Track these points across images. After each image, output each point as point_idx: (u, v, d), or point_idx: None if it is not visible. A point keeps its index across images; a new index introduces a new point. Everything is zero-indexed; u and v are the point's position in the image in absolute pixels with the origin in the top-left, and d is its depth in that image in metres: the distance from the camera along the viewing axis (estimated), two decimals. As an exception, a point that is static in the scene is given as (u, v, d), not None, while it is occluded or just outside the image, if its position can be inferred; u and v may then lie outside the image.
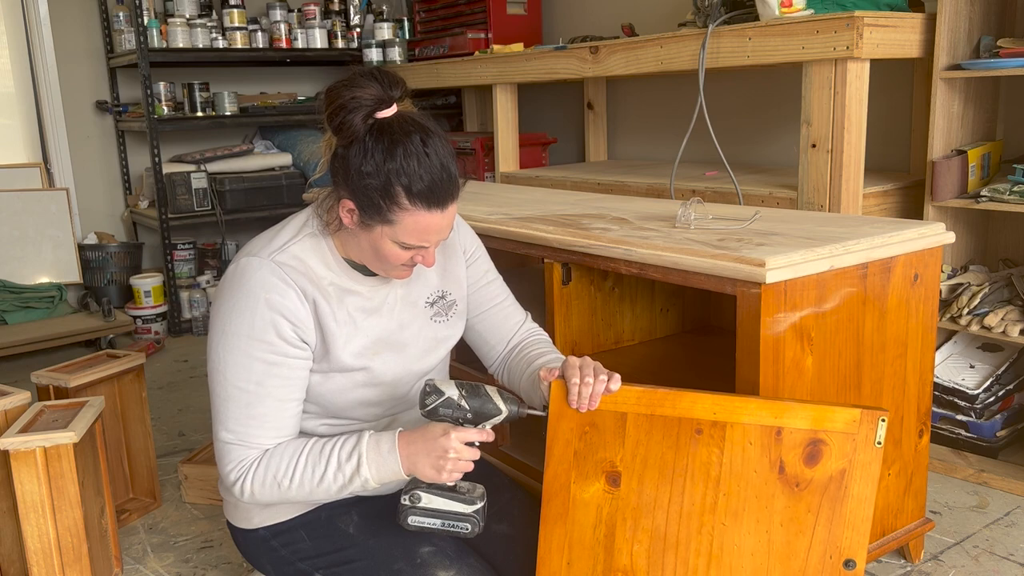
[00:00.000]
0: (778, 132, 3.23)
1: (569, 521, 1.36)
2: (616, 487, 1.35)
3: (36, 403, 1.90)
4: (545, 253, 1.93)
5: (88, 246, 4.05)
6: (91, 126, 4.26)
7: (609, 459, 1.34)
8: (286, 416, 1.36)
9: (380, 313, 1.44)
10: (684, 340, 2.14)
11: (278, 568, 1.49)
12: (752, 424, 1.30)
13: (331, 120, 1.28)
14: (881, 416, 1.28)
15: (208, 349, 1.36)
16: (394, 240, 1.31)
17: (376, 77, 1.28)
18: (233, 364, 1.33)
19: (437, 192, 1.28)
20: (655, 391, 1.32)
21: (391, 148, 1.25)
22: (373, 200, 1.28)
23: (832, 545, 1.31)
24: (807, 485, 1.30)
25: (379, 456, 1.31)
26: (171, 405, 3.15)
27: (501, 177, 3.52)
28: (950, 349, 2.47)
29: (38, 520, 1.72)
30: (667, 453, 1.32)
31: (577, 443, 1.34)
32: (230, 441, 1.34)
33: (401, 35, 4.29)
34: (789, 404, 1.30)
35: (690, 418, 1.31)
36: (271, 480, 1.33)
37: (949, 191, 2.34)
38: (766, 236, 1.67)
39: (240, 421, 1.33)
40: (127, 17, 4.02)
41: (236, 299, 1.33)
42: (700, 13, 2.57)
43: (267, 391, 1.33)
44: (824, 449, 1.30)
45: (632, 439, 1.33)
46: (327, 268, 1.39)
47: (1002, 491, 2.27)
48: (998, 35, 2.42)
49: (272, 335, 1.32)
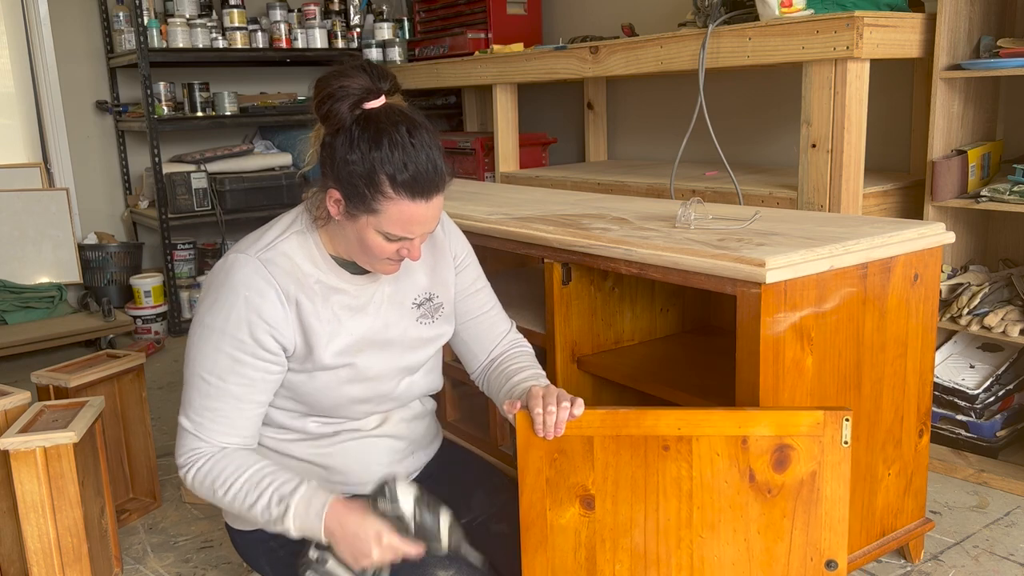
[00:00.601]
0: (778, 132, 3.23)
1: (549, 548, 1.37)
2: (591, 510, 1.35)
3: (36, 403, 1.90)
4: (545, 253, 1.93)
5: (88, 246, 4.05)
6: (91, 126, 4.26)
7: (581, 483, 1.35)
8: (242, 417, 1.37)
9: (366, 312, 1.44)
10: (684, 340, 2.14)
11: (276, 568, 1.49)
12: (717, 435, 1.31)
13: (319, 108, 1.30)
14: (845, 416, 1.29)
15: (188, 335, 1.40)
16: (379, 230, 1.32)
17: (365, 69, 1.30)
18: (202, 354, 1.35)
19: (421, 182, 1.29)
20: (617, 412, 1.32)
21: (376, 137, 1.27)
22: (358, 188, 1.29)
23: (812, 547, 1.32)
24: (779, 491, 1.31)
25: (307, 515, 1.30)
26: (171, 405, 3.15)
27: (501, 177, 3.52)
28: (950, 349, 2.47)
29: (38, 520, 1.72)
30: (637, 472, 1.33)
31: (548, 471, 1.35)
32: (187, 429, 1.37)
33: (401, 35, 4.29)
34: (752, 412, 1.31)
35: (656, 435, 1.32)
36: (209, 483, 1.35)
37: (949, 191, 2.34)
38: (766, 236, 1.67)
39: (198, 411, 1.36)
40: (127, 17, 4.02)
41: (217, 293, 1.36)
42: (700, 13, 2.57)
43: (227, 387, 1.35)
44: (792, 454, 1.30)
45: (601, 461, 1.34)
46: (314, 265, 1.40)
47: (1002, 491, 2.27)
48: (998, 35, 2.42)
49: (244, 333, 1.34)
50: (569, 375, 2.00)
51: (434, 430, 1.67)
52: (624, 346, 2.08)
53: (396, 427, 1.54)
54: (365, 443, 1.50)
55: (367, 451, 1.50)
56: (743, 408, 1.33)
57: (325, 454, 1.47)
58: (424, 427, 1.61)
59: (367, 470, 1.50)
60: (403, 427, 1.54)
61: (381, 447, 1.52)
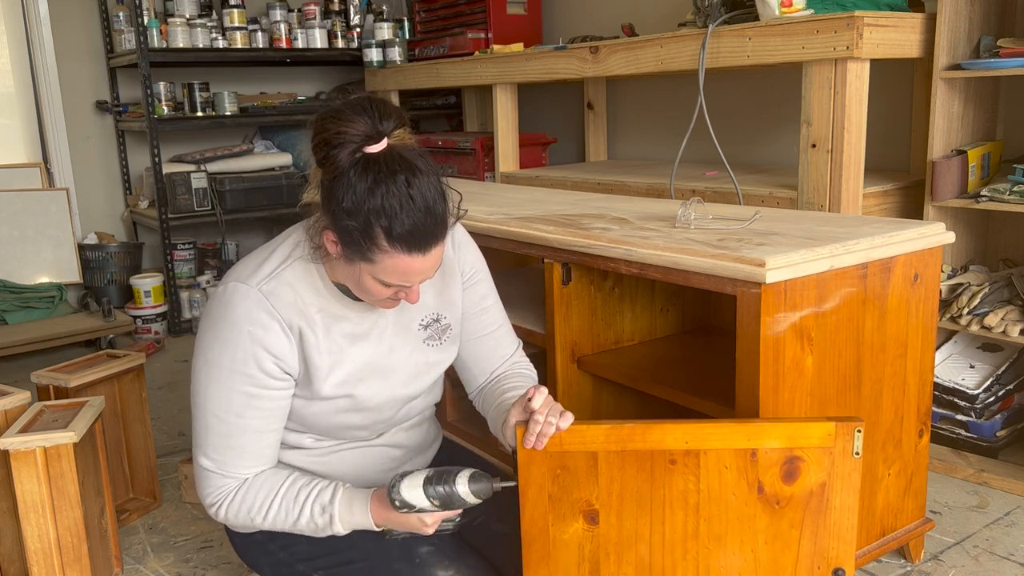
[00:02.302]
0: (778, 132, 3.23)
1: (552, 563, 1.35)
2: (595, 524, 1.34)
3: (36, 403, 1.90)
4: (545, 253, 1.93)
5: (88, 246, 4.05)
6: (91, 126, 4.26)
7: (585, 498, 1.33)
8: (264, 446, 1.36)
9: (369, 338, 1.41)
10: (684, 340, 2.14)
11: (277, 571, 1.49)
12: (726, 449, 1.29)
13: (316, 152, 1.24)
14: (857, 427, 1.27)
15: (191, 372, 1.37)
16: (375, 278, 1.28)
17: (366, 110, 1.23)
18: (214, 395, 1.33)
19: (419, 236, 1.23)
20: (623, 426, 1.30)
21: (373, 188, 1.20)
22: (353, 238, 1.23)
23: (819, 556, 1.31)
24: (787, 502, 1.30)
25: (351, 518, 1.34)
26: (171, 405, 3.15)
27: (501, 177, 3.52)
28: (950, 349, 2.47)
29: (38, 520, 1.72)
30: (643, 486, 1.31)
31: (551, 486, 1.33)
32: (209, 468, 1.35)
33: (401, 35, 4.29)
34: (762, 424, 1.29)
35: (662, 449, 1.30)
36: (245, 513, 1.35)
37: (949, 191, 2.34)
38: (766, 236, 1.67)
39: (219, 450, 1.34)
40: (127, 17, 4.02)
41: (220, 328, 1.32)
42: (700, 13, 2.57)
43: (246, 422, 1.33)
44: (802, 466, 1.29)
45: (606, 476, 1.32)
46: (316, 294, 1.36)
47: (1002, 491, 2.27)
48: (998, 35, 2.42)
49: (253, 368, 1.31)
50: (569, 375, 2.00)
51: (433, 433, 1.66)
52: (624, 346, 2.08)
53: (395, 437, 1.53)
54: (363, 452, 1.50)
55: (364, 460, 1.49)
56: (752, 421, 1.31)
57: (322, 462, 1.47)
58: (423, 433, 1.61)
59: (362, 478, 1.50)
60: (402, 436, 1.54)
61: (378, 456, 1.51)
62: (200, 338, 1.35)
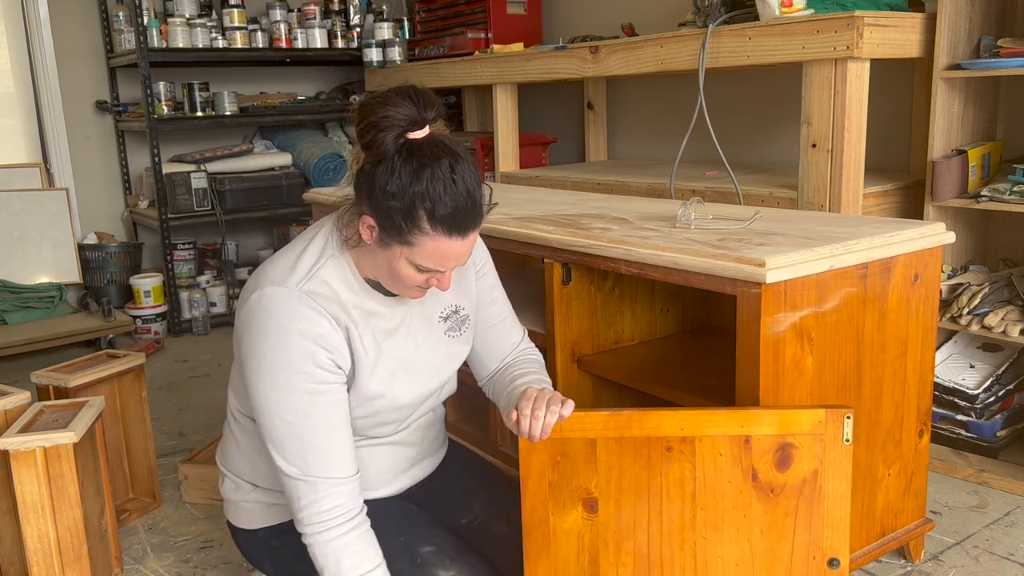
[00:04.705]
0: (778, 132, 3.23)
1: (552, 553, 1.37)
2: (595, 513, 1.35)
3: (36, 403, 1.90)
4: (545, 253, 1.93)
5: (88, 246, 4.05)
6: (91, 126, 4.25)
7: (584, 486, 1.34)
8: (341, 444, 1.34)
9: (398, 333, 1.43)
10: (684, 340, 2.14)
11: (279, 568, 1.50)
12: (720, 435, 1.31)
13: (362, 136, 1.27)
14: (846, 414, 1.29)
15: (249, 386, 1.34)
16: (411, 262, 1.30)
17: (411, 97, 1.26)
18: (277, 400, 1.31)
19: (460, 219, 1.27)
20: (620, 413, 1.32)
21: (418, 171, 1.24)
22: (394, 221, 1.26)
23: (814, 546, 1.32)
24: (781, 490, 1.31)
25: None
26: (171, 405, 3.15)
27: (501, 177, 3.52)
28: (950, 349, 2.47)
29: (38, 520, 1.72)
30: (640, 473, 1.33)
31: (551, 474, 1.34)
32: (294, 476, 1.32)
33: (401, 35, 4.29)
34: (754, 412, 1.31)
35: (659, 436, 1.32)
36: (332, 563, 1.31)
37: (949, 191, 2.34)
38: (766, 236, 1.67)
39: (298, 455, 1.32)
40: (127, 17, 4.02)
41: (266, 333, 1.30)
42: (700, 13, 2.57)
43: (316, 421, 1.31)
44: (794, 452, 1.31)
45: (604, 464, 1.33)
46: (351, 291, 1.37)
47: (1002, 491, 2.27)
48: (998, 35, 2.42)
49: (310, 365, 1.30)
50: (569, 375, 2.00)
51: (442, 437, 1.67)
52: (624, 346, 2.08)
53: (411, 434, 1.54)
54: (378, 450, 1.50)
55: (379, 457, 1.50)
56: (745, 408, 1.33)
57: None
58: (435, 434, 1.62)
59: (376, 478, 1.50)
60: (417, 434, 1.55)
61: (393, 454, 1.51)
62: (246, 348, 1.33)
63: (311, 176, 4.21)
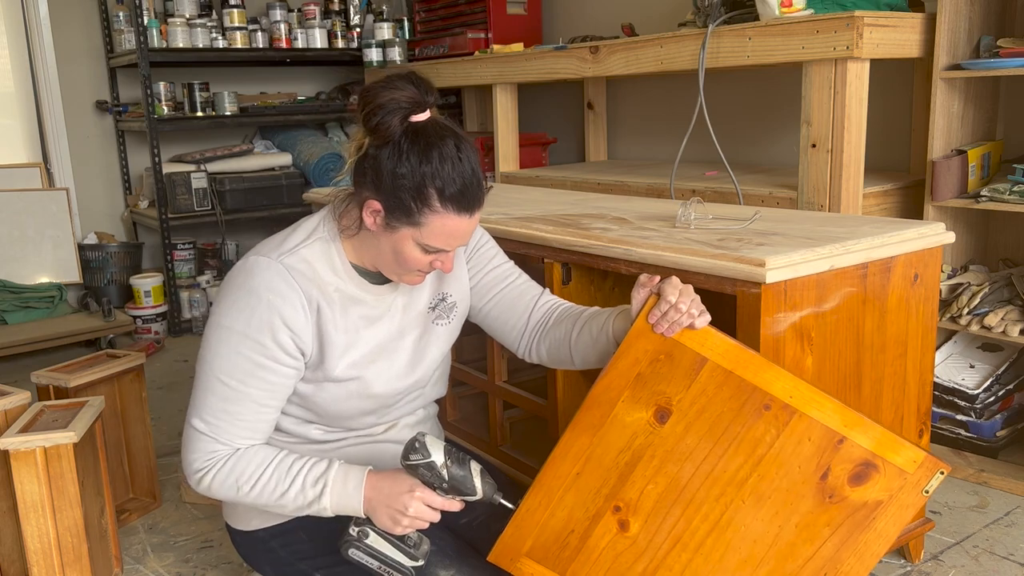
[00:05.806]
0: (778, 132, 3.23)
1: (599, 435, 1.31)
2: (661, 424, 1.30)
3: (36, 403, 1.90)
4: (545, 253, 1.93)
5: (88, 246, 4.05)
6: (91, 126, 4.26)
7: (667, 394, 1.29)
8: (261, 420, 1.36)
9: (382, 321, 1.44)
10: (684, 340, 2.14)
11: (278, 569, 1.49)
12: (819, 423, 1.26)
13: (368, 120, 1.28)
14: (941, 468, 1.26)
15: (203, 338, 1.37)
16: (418, 242, 1.32)
17: (412, 81, 1.29)
18: (221, 356, 1.33)
19: (468, 197, 1.30)
20: (745, 350, 1.27)
21: (427, 151, 1.26)
22: (403, 201, 1.28)
23: (832, 566, 1.30)
24: (840, 501, 1.28)
25: (344, 490, 1.32)
26: (171, 405, 3.15)
27: (501, 177, 3.52)
28: (950, 349, 2.47)
29: (38, 520, 1.72)
30: (726, 413, 1.28)
31: (645, 366, 1.29)
32: (202, 431, 1.34)
33: (401, 35, 4.29)
34: (862, 418, 1.26)
35: (765, 390, 1.26)
36: (232, 482, 1.33)
37: (949, 191, 2.34)
38: (766, 236, 1.67)
39: (215, 414, 1.33)
40: (127, 17, 4.02)
41: (238, 295, 1.34)
42: (700, 13, 2.57)
43: (248, 391, 1.33)
44: (873, 474, 1.26)
45: (699, 386, 1.28)
46: (334, 274, 1.39)
47: (1002, 491, 2.27)
48: (998, 35, 2.42)
49: (267, 337, 1.32)
50: (569, 375, 2.00)
51: (436, 434, 1.67)
52: (624, 346, 2.08)
53: (401, 432, 1.54)
54: (370, 448, 1.50)
55: (371, 457, 1.50)
56: (856, 411, 1.28)
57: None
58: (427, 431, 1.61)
59: None
60: (405, 432, 1.54)
61: (384, 452, 1.51)
62: (215, 306, 1.37)
63: (311, 176, 4.21)
